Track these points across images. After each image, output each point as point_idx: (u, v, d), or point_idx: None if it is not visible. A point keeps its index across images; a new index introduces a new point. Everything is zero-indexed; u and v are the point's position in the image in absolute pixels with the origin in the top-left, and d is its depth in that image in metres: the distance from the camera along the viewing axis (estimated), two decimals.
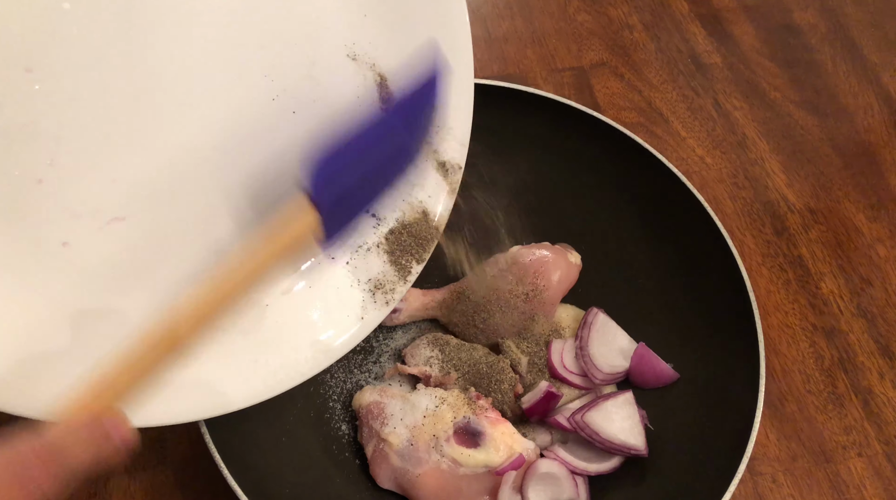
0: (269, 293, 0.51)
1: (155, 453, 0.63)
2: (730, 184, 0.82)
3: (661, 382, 0.64)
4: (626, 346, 0.65)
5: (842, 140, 0.86)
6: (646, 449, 0.59)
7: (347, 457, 0.61)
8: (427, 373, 0.63)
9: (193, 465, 0.62)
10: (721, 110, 0.88)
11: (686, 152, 0.84)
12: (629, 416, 0.60)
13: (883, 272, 0.77)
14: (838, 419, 0.69)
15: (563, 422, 0.60)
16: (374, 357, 0.67)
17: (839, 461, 0.67)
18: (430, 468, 0.57)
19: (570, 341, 0.66)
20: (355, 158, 0.46)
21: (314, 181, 0.44)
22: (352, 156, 0.45)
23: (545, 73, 0.89)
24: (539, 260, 0.67)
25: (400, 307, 0.66)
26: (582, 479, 0.59)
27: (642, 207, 0.68)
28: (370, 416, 0.60)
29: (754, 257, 0.77)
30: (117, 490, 0.61)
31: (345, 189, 0.45)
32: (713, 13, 0.96)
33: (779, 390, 0.70)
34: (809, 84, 0.90)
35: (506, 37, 0.92)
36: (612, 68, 0.90)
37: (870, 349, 0.73)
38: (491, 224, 0.73)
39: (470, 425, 0.58)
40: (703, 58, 0.92)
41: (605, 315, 0.66)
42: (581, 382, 0.64)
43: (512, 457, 0.57)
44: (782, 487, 0.65)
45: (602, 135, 0.67)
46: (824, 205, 0.81)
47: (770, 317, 0.74)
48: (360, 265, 0.54)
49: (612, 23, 0.94)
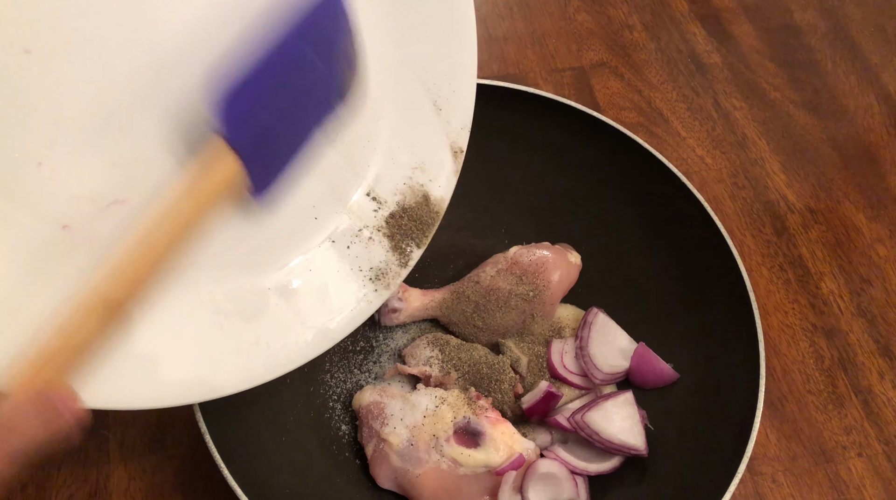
0: (269, 277, 0.51)
1: (155, 453, 0.63)
2: (730, 184, 0.82)
3: (661, 382, 0.64)
4: (626, 346, 0.65)
5: (842, 140, 0.86)
6: (646, 449, 0.59)
7: (347, 457, 0.61)
8: (427, 373, 0.63)
9: (193, 465, 0.62)
10: (721, 110, 0.88)
11: (686, 152, 0.84)
12: (629, 416, 0.60)
13: (883, 272, 0.77)
14: (838, 419, 0.69)
15: (563, 422, 0.60)
16: (374, 357, 0.67)
17: (839, 461, 0.67)
18: (430, 468, 0.57)
19: (570, 341, 0.66)
20: (267, 90, 0.41)
21: (224, 117, 0.40)
22: (262, 87, 0.41)
23: (545, 73, 0.89)
24: (539, 260, 0.67)
25: (400, 307, 0.66)
26: (582, 479, 0.59)
27: (642, 207, 0.68)
28: (370, 416, 0.60)
29: (754, 257, 0.77)
30: (117, 490, 0.61)
31: (263, 128, 0.42)
32: (713, 13, 0.96)
33: (779, 390, 0.70)
34: (809, 84, 0.90)
35: (506, 37, 0.92)
36: (612, 68, 0.90)
37: (870, 349, 0.73)
38: (491, 224, 0.73)
39: (470, 425, 0.58)
40: (703, 58, 0.92)
41: (605, 315, 0.66)
42: (581, 382, 0.64)
43: (512, 457, 0.57)
44: (782, 487, 0.65)
45: (602, 135, 0.67)
46: (824, 205, 0.81)
47: (770, 317, 0.74)
48: (361, 250, 0.54)
49: (612, 23, 0.94)
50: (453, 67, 0.56)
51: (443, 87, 0.56)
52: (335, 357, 0.66)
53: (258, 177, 0.44)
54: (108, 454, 0.63)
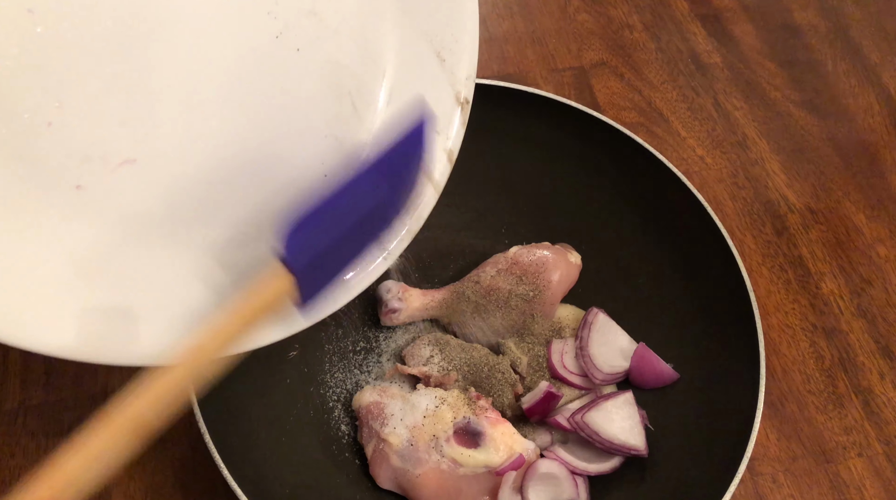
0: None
1: (155, 453, 0.63)
2: (730, 184, 0.82)
3: (661, 382, 0.64)
4: (626, 346, 0.65)
5: (842, 140, 0.86)
6: (646, 449, 0.59)
7: (347, 457, 0.61)
8: (427, 373, 0.63)
9: (193, 465, 0.62)
10: (721, 110, 0.88)
11: (686, 152, 0.84)
12: (629, 416, 0.60)
13: (883, 272, 0.77)
14: (838, 419, 0.69)
15: (563, 422, 0.60)
16: (374, 357, 0.67)
17: (839, 461, 0.67)
18: (430, 468, 0.57)
19: (570, 341, 0.66)
20: (332, 219, 0.43)
21: (288, 245, 0.42)
22: (329, 216, 0.43)
23: (545, 73, 0.89)
24: (539, 260, 0.67)
25: (400, 307, 0.66)
26: (582, 479, 0.59)
27: (642, 207, 0.68)
28: (370, 416, 0.60)
29: (754, 257, 0.77)
30: (117, 490, 0.61)
31: (321, 251, 0.43)
32: (713, 13, 0.96)
33: (779, 390, 0.70)
34: (809, 84, 0.90)
35: (506, 37, 0.92)
36: (612, 68, 0.90)
37: (870, 349, 0.73)
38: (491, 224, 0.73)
39: (470, 425, 0.58)
40: (703, 58, 0.92)
41: (605, 315, 0.66)
42: (581, 382, 0.64)
43: (512, 457, 0.57)
44: (782, 487, 0.65)
45: (602, 135, 0.67)
46: (824, 205, 0.81)
47: (770, 317, 0.74)
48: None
49: (612, 23, 0.94)
50: (454, 14, 0.54)
51: (445, 36, 0.54)
52: (335, 357, 0.66)
53: (307, 292, 0.44)
54: None
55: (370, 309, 0.69)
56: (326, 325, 0.67)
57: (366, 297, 0.69)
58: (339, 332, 0.68)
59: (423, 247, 0.73)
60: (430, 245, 0.73)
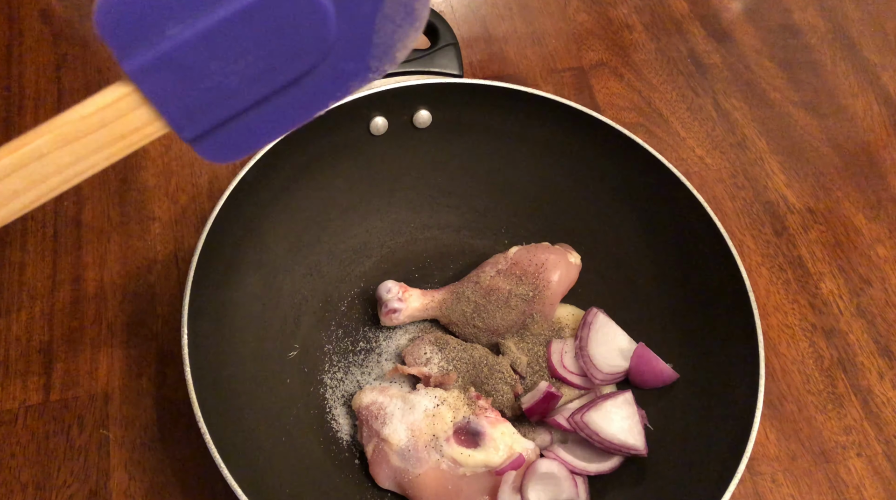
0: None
1: (155, 453, 0.63)
2: (729, 184, 0.82)
3: (661, 382, 0.64)
4: (626, 346, 0.65)
5: (842, 140, 0.86)
6: (645, 449, 0.59)
7: (347, 457, 0.62)
8: (427, 373, 0.63)
9: (193, 465, 0.63)
10: (720, 110, 0.88)
11: (685, 152, 0.84)
12: (629, 416, 0.60)
13: (883, 272, 0.77)
14: (838, 419, 0.69)
15: (563, 422, 0.60)
16: (374, 357, 0.67)
17: (839, 461, 0.67)
18: (429, 468, 0.57)
19: (570, 341, 0.66)
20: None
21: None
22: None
23: (545, 73, 0.89)
24: (539, 260, 0.67)
25: (400, 308, 0.66)
26: (582, 479, 0.59)
27: (642, 207, 0.69)
28: (370, 416, 0.60)
29: (754, 257, 0.77)
30: (117, 490, 0.61)
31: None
32: (713, 13, 0.96)
33: (779, 390, 0.70)
34: (809, 84, 0.90)
35: (506, 37, 0.92)
36: (612, 68, 0.90)
37: (869, 349, 0.73)
38: (491, 224, 0.73)
39: (470, 425, 0.58)
40: (702, 58, 0.92)
41: (604, 315, 0.66)
42: (581, 382, 0.64)
43: (512, 457, 0.57)
44: (782, 487, 0.65)
45: (602, 135, 0.67)
46: (824, 205, 0.82)
47: (770, 317, 0.74)
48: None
49: (611, 23, 0.94)
50: None
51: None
52: (335, 357, 0.66)
53: (178, 116, 0.35)
54: (108, 454, 0.63)
55: (370, 309, 0.69)
56: (327, 325, 0.68)
57: (366, 297, 0.70)
58: (339, 332, 0.68)
59: (424, 247, 0.73)
60: (430, 245, 0.73)
